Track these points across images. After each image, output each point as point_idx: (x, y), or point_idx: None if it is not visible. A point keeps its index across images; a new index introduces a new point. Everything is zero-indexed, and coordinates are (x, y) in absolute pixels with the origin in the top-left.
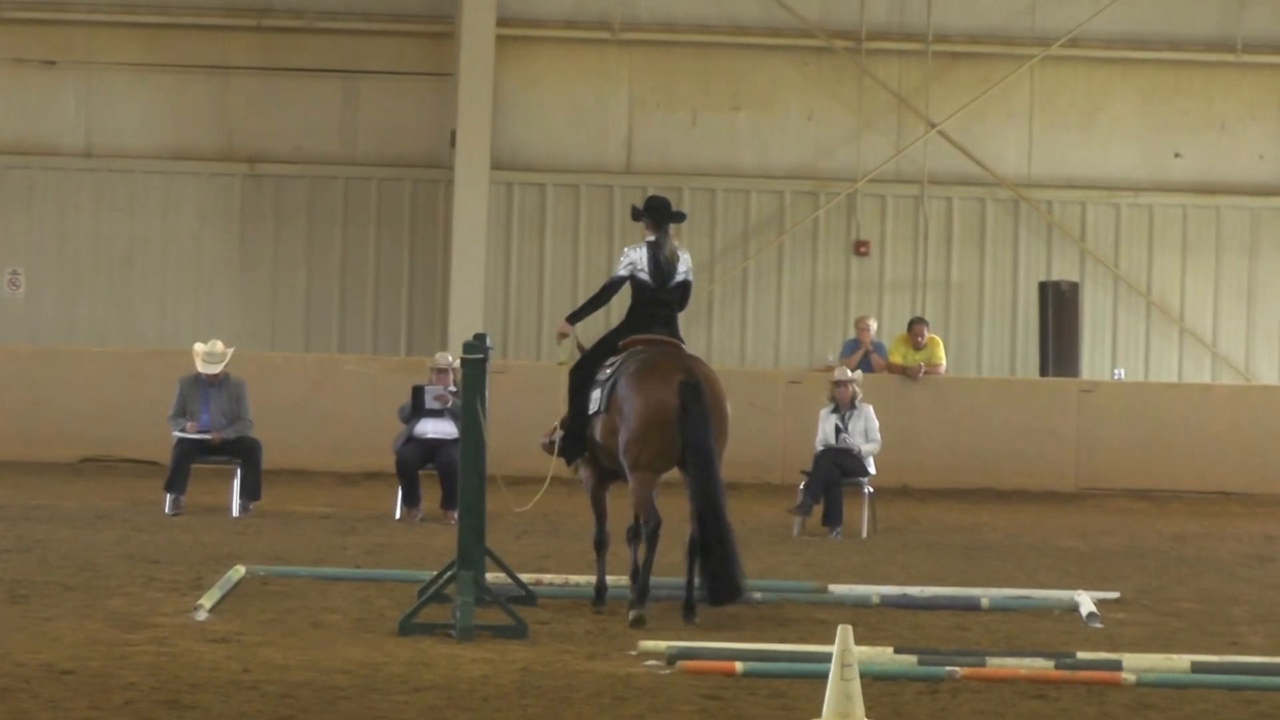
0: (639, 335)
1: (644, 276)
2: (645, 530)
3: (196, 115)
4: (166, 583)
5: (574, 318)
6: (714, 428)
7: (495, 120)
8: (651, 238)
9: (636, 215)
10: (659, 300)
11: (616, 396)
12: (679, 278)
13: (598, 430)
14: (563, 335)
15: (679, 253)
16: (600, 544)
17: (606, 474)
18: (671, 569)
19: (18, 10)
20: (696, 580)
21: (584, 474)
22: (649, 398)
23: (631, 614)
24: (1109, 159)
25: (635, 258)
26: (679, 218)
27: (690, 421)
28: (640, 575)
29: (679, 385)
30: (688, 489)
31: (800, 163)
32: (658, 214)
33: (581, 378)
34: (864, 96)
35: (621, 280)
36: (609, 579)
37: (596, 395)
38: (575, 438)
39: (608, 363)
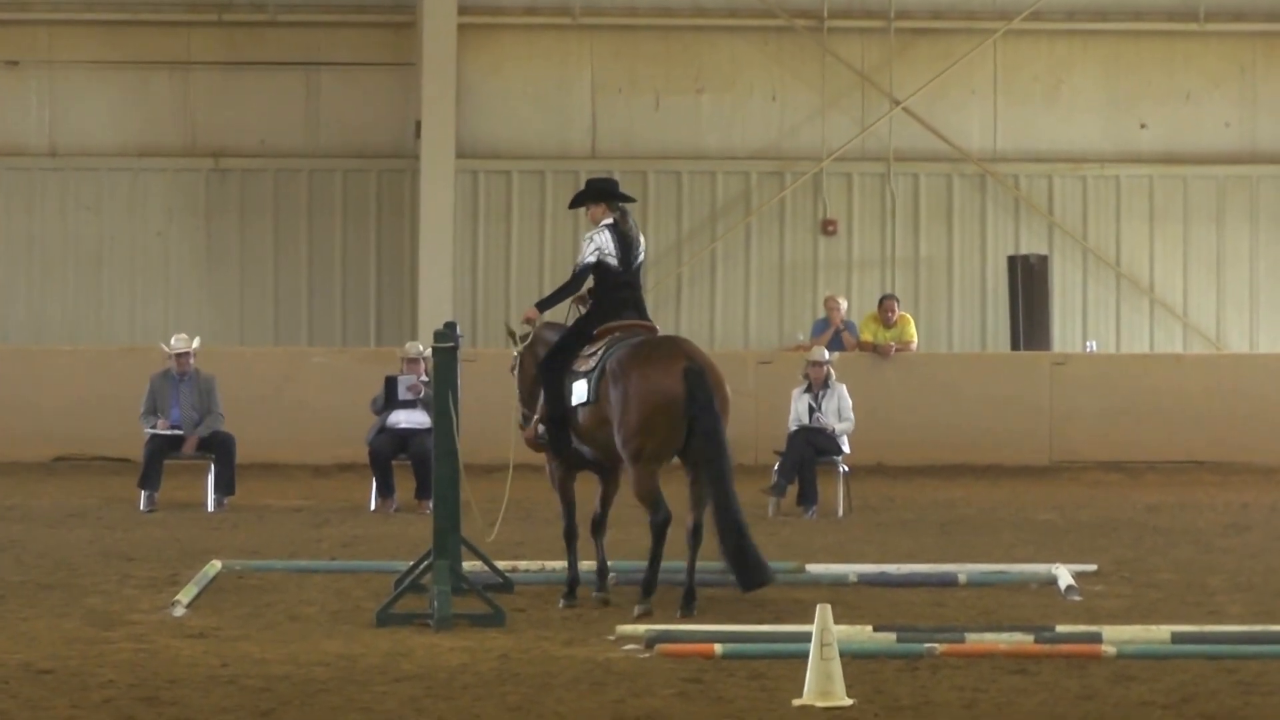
0: (614, 322)
1: (611, 260)
2: (654, 524)
3: (160, 112)
4: (143, 580)
5: (543, 305)
6: (721, 413)
7: (459, 109)
8: (609, 220)
9: (581, 201)
10: (625, 283)
11: (609, 386)
12: (640, 258)
13: (583, 421)
14: (528, 321)
15: (638, 233)
16: (570, 535)
17: (574, 464)
18: (638, 553)
19: None
20: (724, 567)
21: (551, 464)
22: (652, 386)
23: (638, 609)
24: (1074, 131)
25: (601, 242)
26: (630, 198)
27: (699, 408)
28: (649, 570)
29: (683, 372)
30: (691, 476)
31: (765, 143)
32: (612, 195)
33: (555, 368)
34: (827, 75)
35: (591, 267)
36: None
37: (581, 386)
38: (559, 429)
39: (587, 352)
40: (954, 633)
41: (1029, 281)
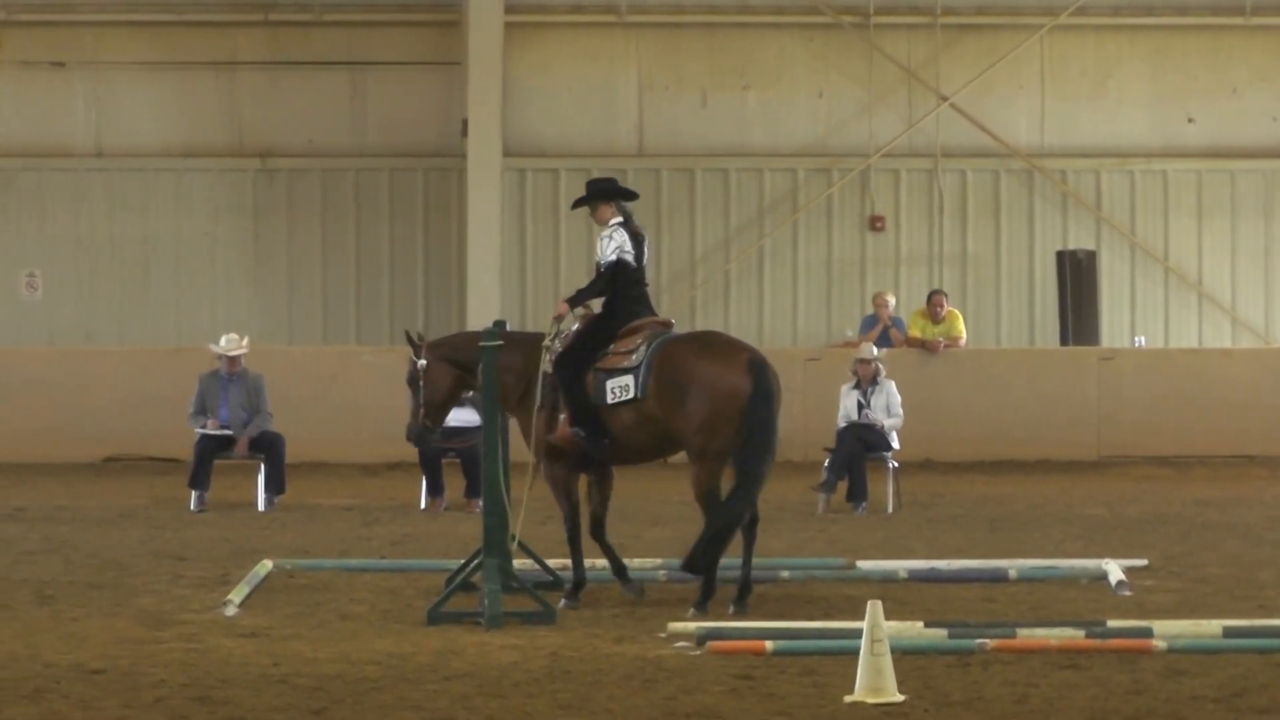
0: (637, 320)
1: (629, 259)
2: (728, 516)
3: (206, 112)
4: (193, 579)
5: (574, 301)
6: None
7: (505, 107)
8: (619, 219)
9: (586, 202)
10: (638, 281)
11: (663, 382)
12: (646, 256)
13: (622, 420)
14: (559, 317)
15: (643, 231)
16: (575, 536)
17: (576, 465)
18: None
19: (25, 13)
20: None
21: (550, 466)
22: (721, 381)
23: (694, 611)
24: (1121, 126)
25: (621, 240)
26: (634, 195)
27: (759, 400)
28: (707, 574)
29: (747, 364)
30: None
31: (812, 140)
32: (617, 194)
33: (577, 368)
34: (874, 71)
35: (619, 265)
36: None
37: (622, 382)
38: (595, 429)
39: (621, 349)
40: (1005, 628)
41: (1077, 277)
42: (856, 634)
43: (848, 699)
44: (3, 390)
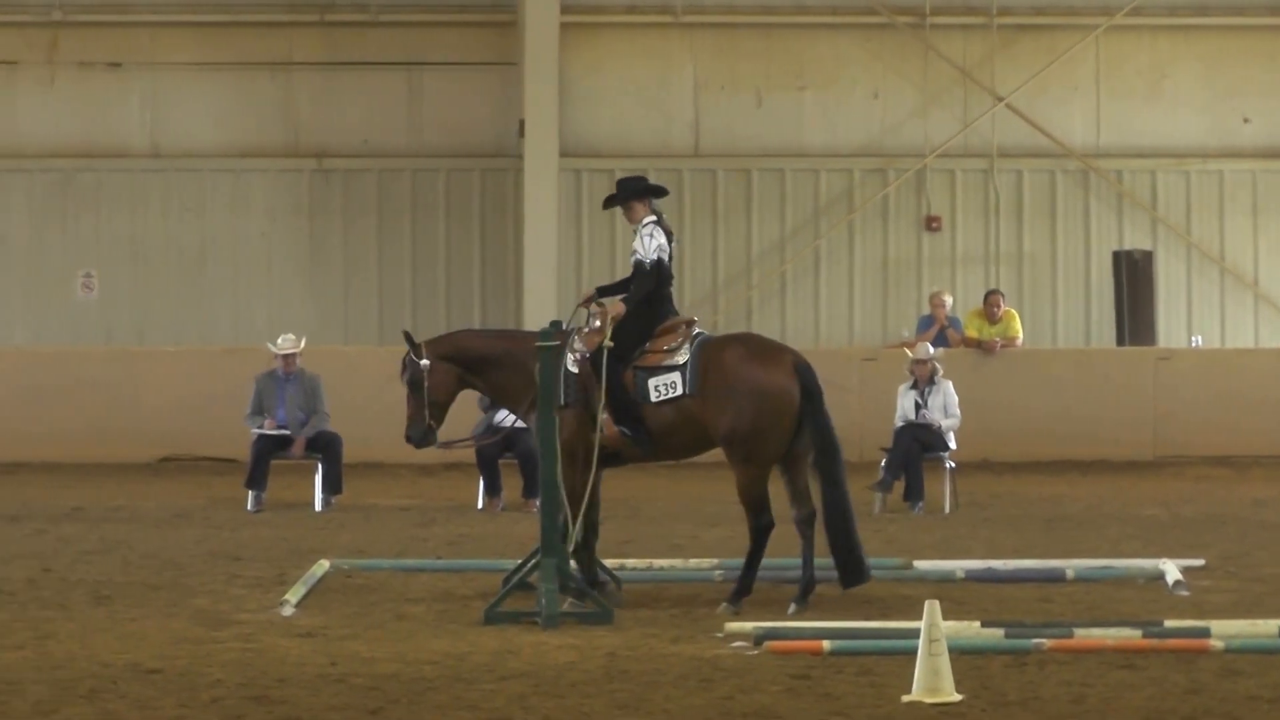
0: (672, 319)
1: (666, 257)
2: (757, 529)
3: (262, 112)
4: (250, 579)
5: (604, 291)
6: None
7: (562, 107)
8: (653, 217)
9: (619, 200)
10: (669, 279)
11: (712, 382)
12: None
13: (665, 419)
14: (589, 301)
15: (671, 228)
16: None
17: (600, 466)
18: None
19: (81, 14)
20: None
21: (567, 468)
22: (773, 384)
23: (728, 607)
24: (1177, 127)
25: (661, 239)
26: (664, 191)
27: (813, 401)
28: (745, 574)
29: (793, 367)
30: (792, 471)
31: (868, 140)
32: (652, 191)
33: (614, 365)
34: (929, 72)
35: (660, 264)
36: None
37: (668, 380)
38: (639, 428)
39: (664, 347)
40: (1061, 628)
41: (1133, 277)
42: (914, 634)
43: (905, 699)
44: (59, 390)
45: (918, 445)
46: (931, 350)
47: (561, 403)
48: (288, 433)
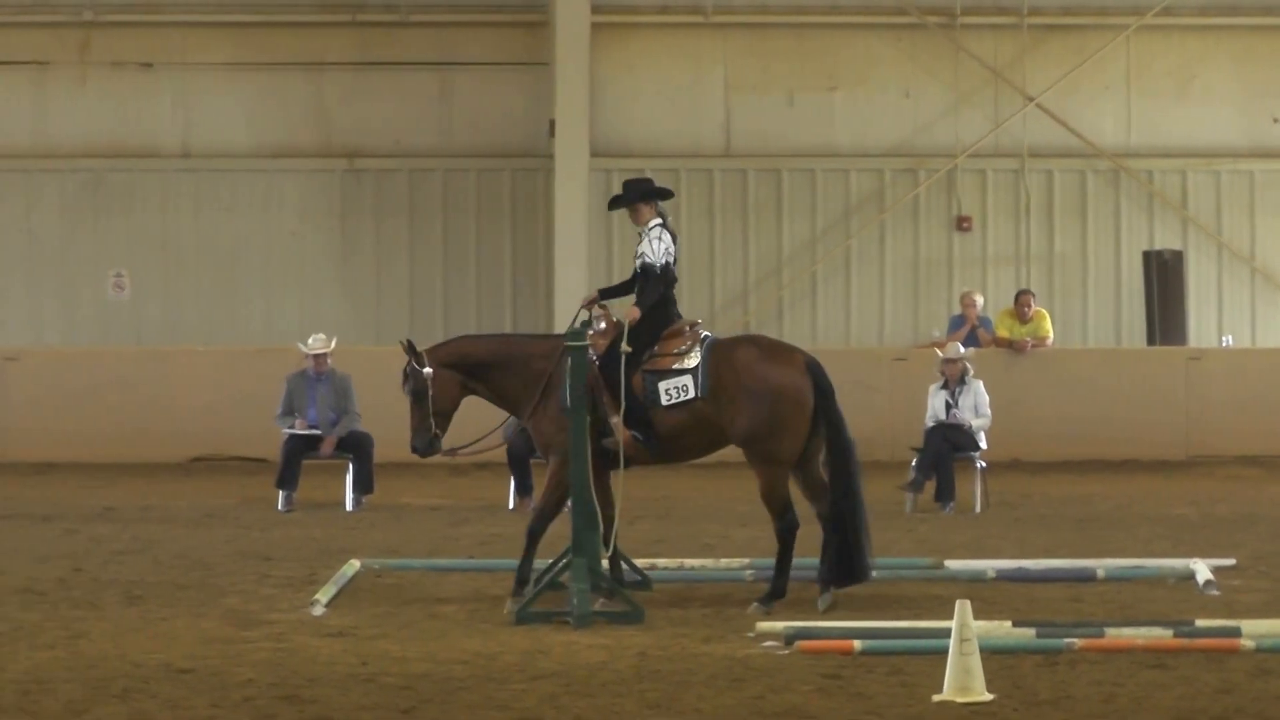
0: (677, 323)
1: (672, 260)
2: (783, 530)
3: (294, 112)
4: (281, 579)
5: (606, 294)
6: None
7: (592, 108)
8: (659, 219)
9: (626, 202)
10: (674, 282)
11: (726, 385)
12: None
13: (675, 421)
14: (591, 303)
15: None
16: (540, 536)
17: (597, 468)
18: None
19: (113, 14)
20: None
21: (564, 469)
22: (789, 384)
23: (759, 608)
24: (1207, 126)
25: (668, 242)
26: (670, 193)
27: (826, 399)
28: (778, 577)
29: (805, 365)
30: (805, 468)
31: (898, 140)
32: (658, 193)
33: (626, 370)
34: (960, 71)
35: (668, 267)
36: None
37: (680, 384)
38: (649, 431)
39: (673, 350)
40: (1092, 627)
41: (1164, 277)
42: (945, 633)
43: (936, 698)
44: (90, 390)
45: (948, 445)
46: (962, 350)
47: (567, 405)
48: (319, 433)
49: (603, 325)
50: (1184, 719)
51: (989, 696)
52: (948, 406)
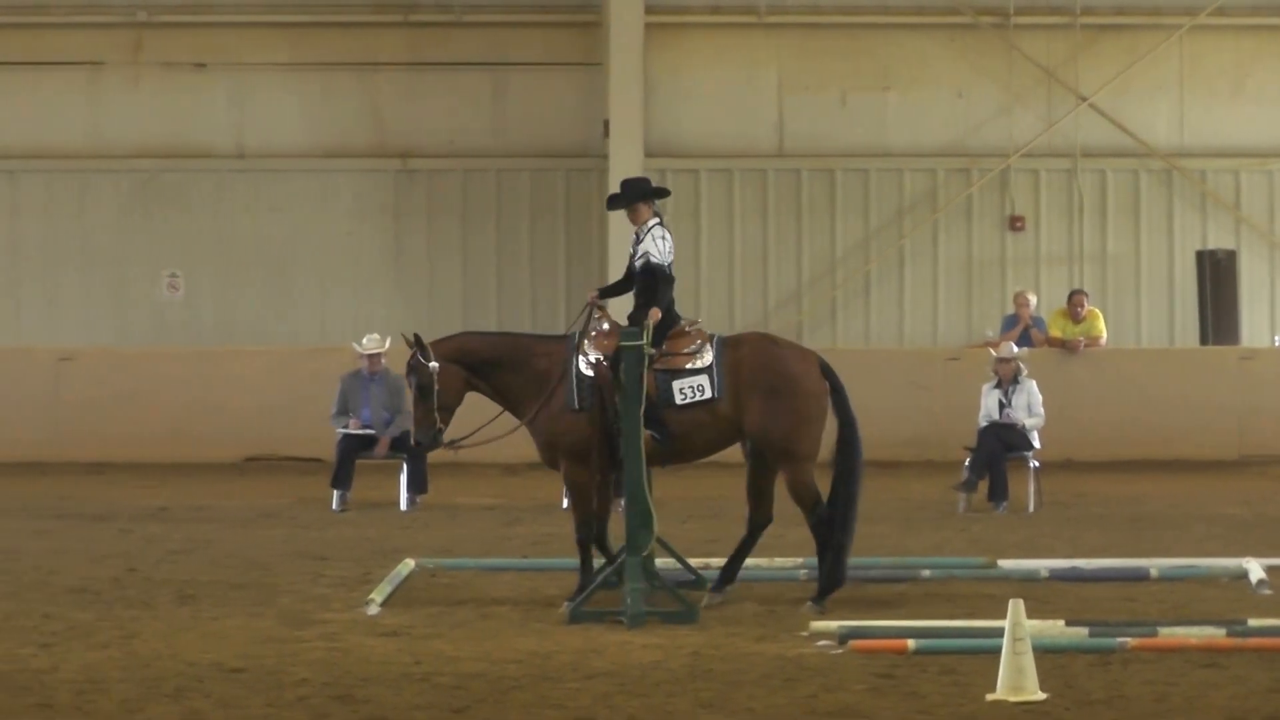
0: (683, 322)
1: (671, 259)
2: (818, 523)
3: (347, 113)
4: (335, 579)
5: (605, 293)
6: None
7: (646, 108)
8: (657, 219)
9: (626, 202)
10: (673, 282)
11: (745, 384)
12: None
13: (690, 420)
14: (593, 303)
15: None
16: (589, 542)
17: (603, 469)
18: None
19: (166, 14)
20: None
21: (575, 470)
22: (809, 381)
23: (813, 606)
24: (1260, 126)
25: (671, 241)
26: (666, 192)
27: (841, 398)
28: (826, 569)
29: (820, 364)
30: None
31: (951, 140)
32: (656, 193)
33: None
34: (1013, 71)
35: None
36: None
37: (695, 384)
38: (662, 429)
39: (684, 350)
40: (1145, 627)
41: (1216, 276)
42: (998, 633)
43: (989, 697)
44: (144, 390)
45: (1001, 445)
46: (1015, 349)
47: (575, 406)
48: (372, 432)
49: (605, 326)
50: (1236, 718)
51: (1042, 696)
52: (1001, 406)
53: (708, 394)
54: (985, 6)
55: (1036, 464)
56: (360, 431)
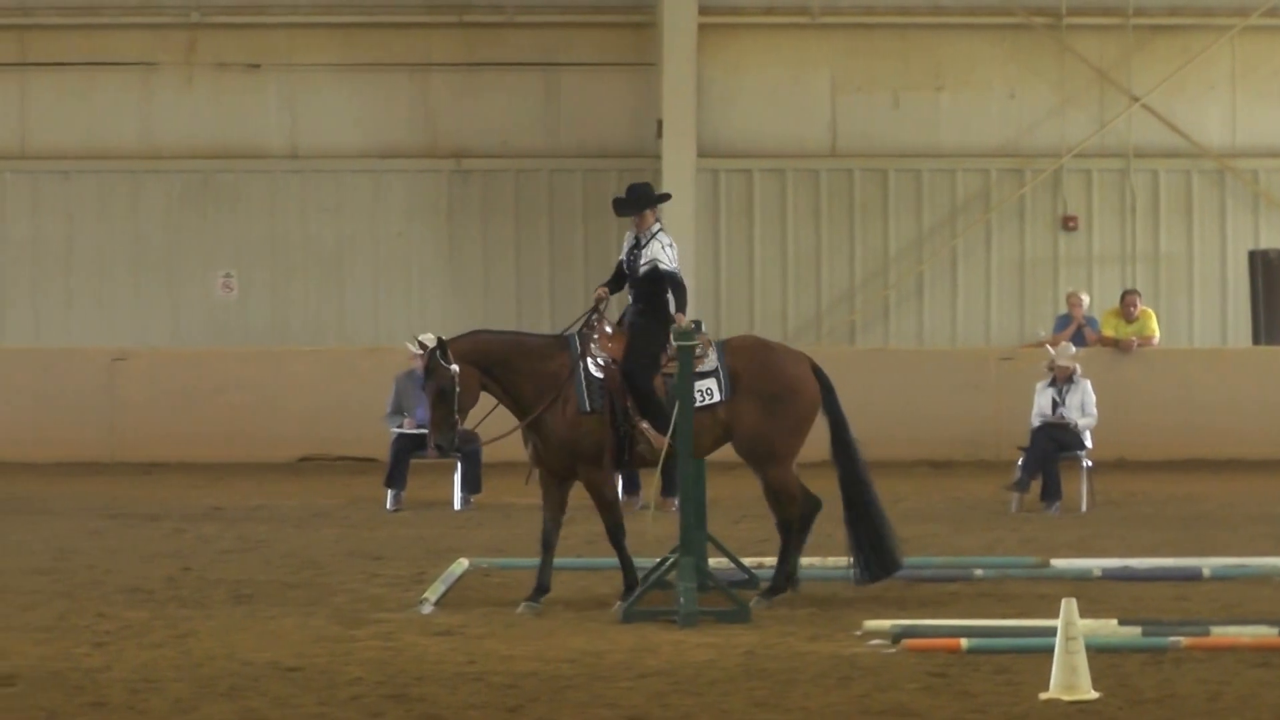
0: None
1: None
2: (806, 516)
3: (400, 113)
4: (389, 578)
5: (684, 311)
6: None
7: (699, 108)
8: (659, 225)
9: (637, 209)
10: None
11: (748, 386)
12: None
13: (702, 421)
14: (601, 301)
15: None
16: (624, 541)
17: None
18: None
19: (219, 15)
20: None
21: (595, 473)
22: (807, 385)
23: (764, 601)
24: None
25: (676, 247)
26: (666, 197)
27: (831, 398)
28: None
29: (811, 367)
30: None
31: (1004, 140)
32: (659, 199)
33: (649, 373)
34: (1065, 72)
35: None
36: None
37: (704, 386)
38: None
39: (695, 353)
40: (1198, 626)
41: (1269, 276)
42: (1051, 632)
43: (1043, 696)
44: (198, 390)
45: (1054, 445)
46: (1073, 349)
47: (587, 409)
48: (426, 432)
49: (609, 329)
50: None
51: (1095, 695)
52: (1054, 404)
53: (717, 396)
54: (1037, 7)
55: (1089, 464)
56: (414, 431)
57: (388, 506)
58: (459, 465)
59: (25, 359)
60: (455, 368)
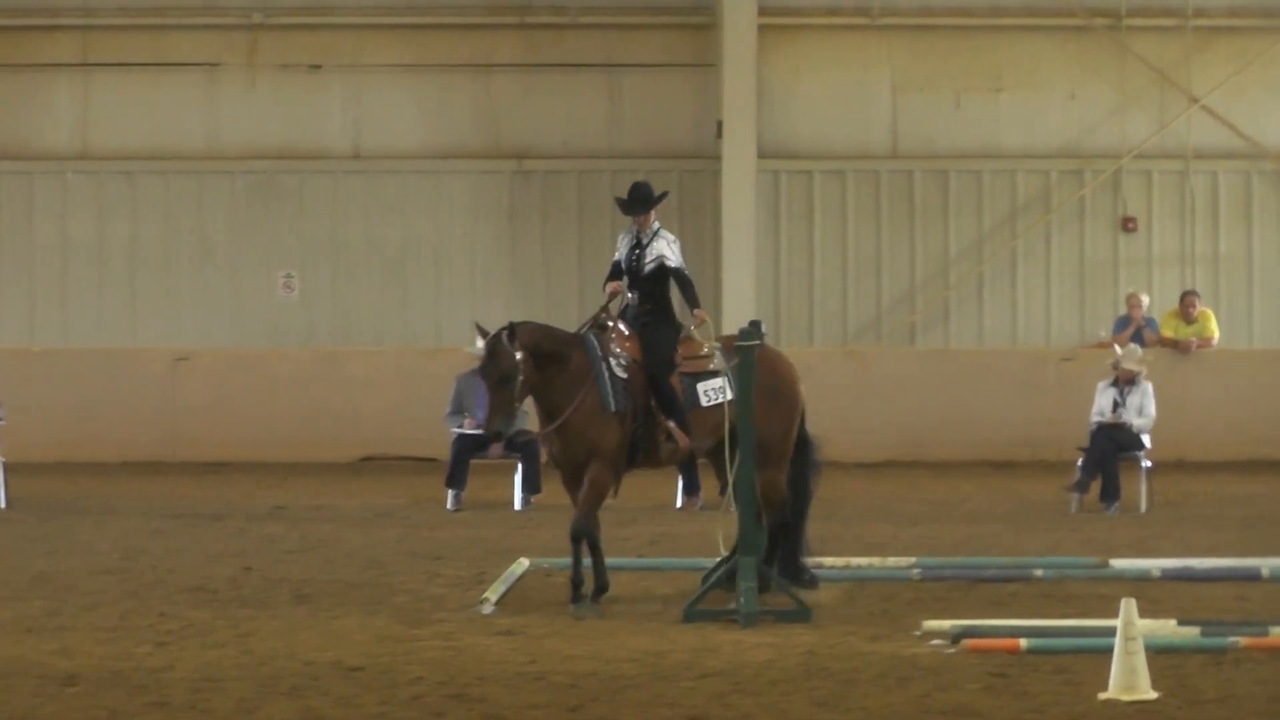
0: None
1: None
2: (785, 521)
3: (463, 114)
4: (450, 578)
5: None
6: None
7: (760, 109)
8: (658, 224)
9: (643, 209)
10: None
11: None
12: None
13: (709, 422)
14: (614, 294)
15: None
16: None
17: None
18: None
19: (283, 16)
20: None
21: (607, 473)
22: (797, 384)
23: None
24: None
25: (679, 245)
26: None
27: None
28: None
29: (794, 372)
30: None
31: (1064, 142)
32: (662, 198)
33: (666, 372)
34: (1125, 73)
35: None
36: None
37: (716, 385)
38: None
39: (699, 353)
40: (1257, 626)
41: None
42: (1110, 632)
43: (1102, 696)
44: (260, 391)
45: (1114, 445)
46: (1140, 352)
47: (611, 408)
48: (484, 432)
49: (623, 328)
50: None
51: (1154, 695)
52: (1115, 405)
53: (728, 395)
54: (1097, 8)
55: (1148, 464)
56: (475, 431)
57: (448, 506)
58: (519, 465)
59: (89, 359)
60: (520, 354)
